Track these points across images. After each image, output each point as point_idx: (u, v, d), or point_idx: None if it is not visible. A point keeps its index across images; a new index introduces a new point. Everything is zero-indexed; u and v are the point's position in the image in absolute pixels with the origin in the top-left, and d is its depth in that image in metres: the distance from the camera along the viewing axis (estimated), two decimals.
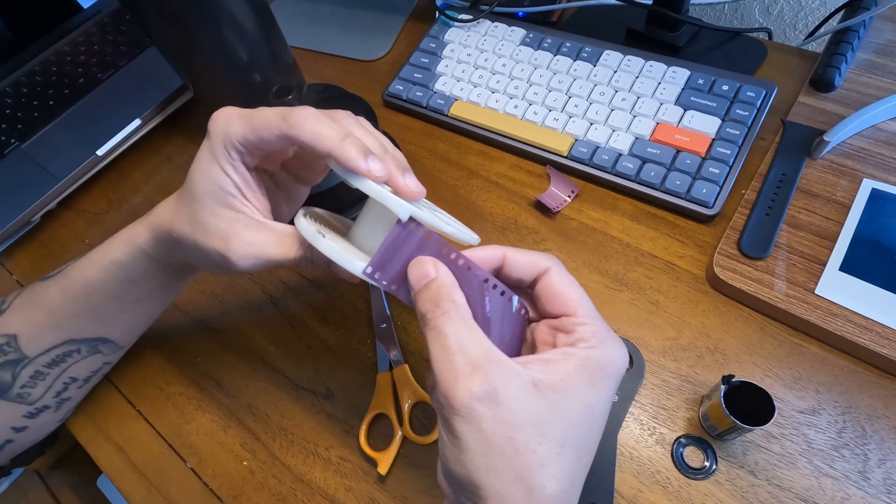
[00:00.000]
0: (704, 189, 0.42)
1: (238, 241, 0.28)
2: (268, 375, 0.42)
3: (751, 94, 0.45)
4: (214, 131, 0.28)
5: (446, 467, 0.22)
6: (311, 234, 0.26)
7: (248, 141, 0.27)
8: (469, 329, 0.22)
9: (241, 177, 0.28)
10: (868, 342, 0.35)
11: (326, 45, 0.63)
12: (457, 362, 0.21)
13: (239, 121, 0.27)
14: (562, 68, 0.50)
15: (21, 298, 0.36)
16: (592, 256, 0.43)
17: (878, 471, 0.32)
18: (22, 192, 0.52)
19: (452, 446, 0.21)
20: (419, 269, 0.24)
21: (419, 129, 0.54)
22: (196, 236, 0.29)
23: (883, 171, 0.41)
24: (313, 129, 0.26)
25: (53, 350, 0.35)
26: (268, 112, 0.27)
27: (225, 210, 0.28)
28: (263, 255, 0.28)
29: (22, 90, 0.61)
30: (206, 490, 0.38)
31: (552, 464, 0.21)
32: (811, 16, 0.71)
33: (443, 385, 0.21)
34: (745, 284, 0.38)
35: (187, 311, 0.46)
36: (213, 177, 0.28)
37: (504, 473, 0.20)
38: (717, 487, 0.33)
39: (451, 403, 0.21)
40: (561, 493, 0.21)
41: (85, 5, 0.67)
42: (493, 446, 0.20)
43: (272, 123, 0.26)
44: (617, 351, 0.24)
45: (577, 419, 0.22)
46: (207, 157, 0.28)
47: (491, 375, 0.21)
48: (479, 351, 0.22)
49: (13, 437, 0.37)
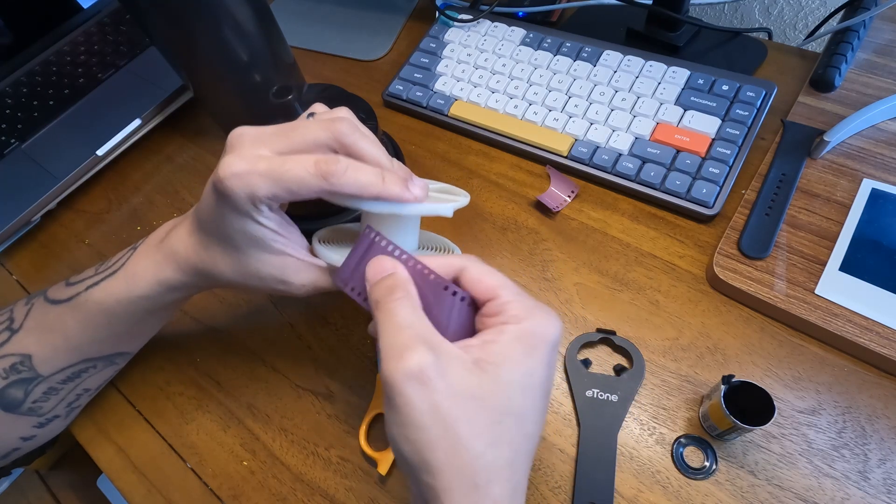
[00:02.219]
0: (704, 189, 0.42)
1: (294, 283, 0.31)
2: (268, 375, 0.42)
3: (751, 94, 0.45)
4: (233, 193, 0.26)
5: (396, 449, 0.23)
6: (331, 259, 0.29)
7: (279, 197, 0.27)
8: (418, 314, 0.24)
9: (274, 222, 0.29)
10: (868, 342, 0.35)
11: (326, 45, 0.63)
12: (406, 335, 0.22)
13: (262, 181, 0.26)
14: (562, 68, 0.50)
15: (34, 320, 0.34)
16: (592, 256, 0.43)
17: (878, 471, 0.32)
18: (22, 192, 0.52)
19: (398, 423, 0.22)
20: (378, 265, 0.26)
21: (419, 129, 0.54)
22: (248, 282, 0.31)
23: (883, 171, 0.41)
24: (357, 183, 0.26)
25: (69, 369, 0.35)
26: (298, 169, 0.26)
27: (272, 256, 0.30)
28: (319, 289, 0.31)
29: (22, 90, 0.61)
30: (206, 490, 0.38)
31: (490, 433, 0.22)
32: (811, 16, 0.71)
33: (390, 357, 0.22)
34: (745, 284, 0.38)
35: (187, 311, 0.46)
36: (250, 232, 0.28)
37: (446, 444, 0.21)
38: (717, 487, 0.33)
39: (397, 374, 0.22)
40: (501, 460, 0.22)
41: (85, 5, 0.67)
42: (435, 417, 0.21)
43: (309, 182, 0.26)
44: (547, 318, 0.24)
45: (518, 388, 0.23)
46: (235, 216, 0.27)
47: (436, 351, 0.22)
48: (427, 331, 0.23)
49: (21, 446, 0.37)
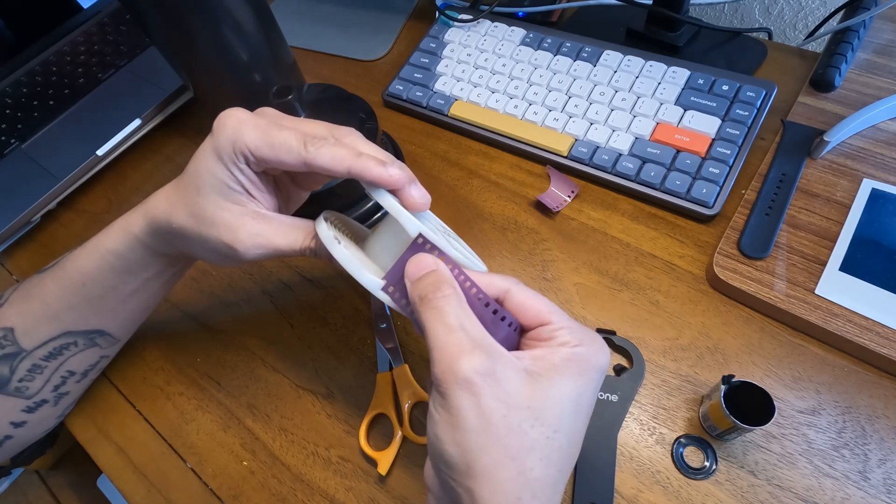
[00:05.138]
0: (704, 189, 0.42)
1: (246, 232, 0.29)
2: (268, 375, 0.42)
3: (751, 94, 0.45)
4: (222, 132, 0.28)
5: (439, 450, 0.22)
6: (329, 240, 0.27)
7: (262, 154, 0.27)
8: (468, 313, 0.23)
9: (247, 178, 0.29)
10: (868, 342, 0.35)
11: (326, 45, 0.63)
12: (460, 338, 0.22)
13: (254, 131, 0.27)
14: (562, 68, 0.50)
15: (18, 292, 0.36)
16: (592, 256, 0.43)
17: (878, 471, 0.32)
18: (22, 192, 0.52)
19: (447, 424, 0.22)
20: (420, 261, 0.25)
21: (419, 129, 0.54)
22: (201, 229, 0.30)
23: (883, 171, 0.41)
24: (331, 154, 0.27)
25: (50, 343, 0.35)
26: (287, 134, 0.27)
27: (231, 205, 0.29)
28: (270, 245, 0.30)
29: (22, 90, 0.61)
30: (206, 490, 0.38)
31: (542, 447, 0.22)
32: (811, 16, 0.71)
33: (444, 360, 0.22)
34: (745, 284, 0.38)
35: (187, 311, 0.46)
36: (219, 174, 0.28)
37: (496, 452, 0.21)
38: (717, 487, 0.33)
39: (452, 377, 0.21)
40: (548, 478, 0.22)
41: (85, 5, 0.67)
42: (488, 424, 0.21)
43: (294, 148, 0.27)
44: (599, 346, 0.24)
45: (567, 407, 0.23)
46: (212, 156, 0.28)
47: (491, 355, 0.22)
48: (479, 332, 0.23)
49: (12, 433, 0.37)
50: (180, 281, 0.47)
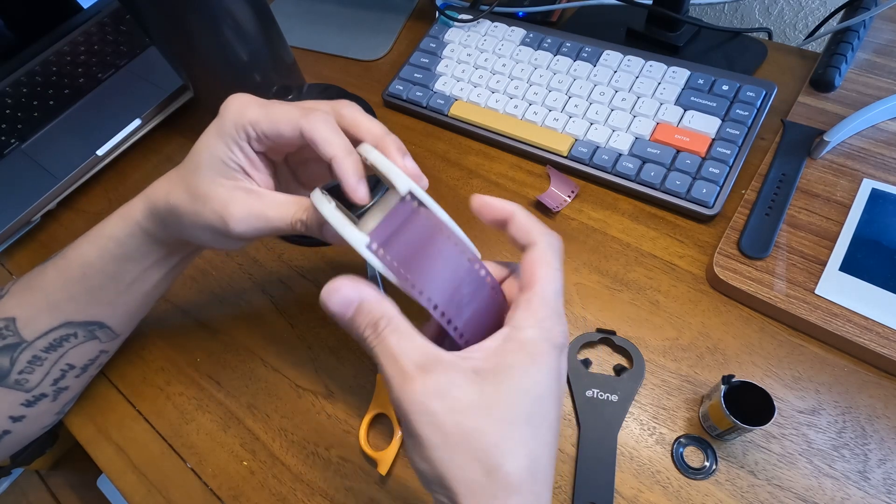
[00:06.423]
0: (704, 189, 0.42)
1: (237, 206, 0.29)
2: (268, 375, 0.42)
3: (751, 94, 0.45)
4: (227, 111, 0.29)
5: (416, 468, 0.23)
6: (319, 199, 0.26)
7: (262, 128, 0.28)
8: (409, 338, 0.24)
9: (246, 157, 0.30)
10: (868, 342, 0.35)
11: (326, 45, 0.63)
12: (403, 366, 0.23)
13: (256, 108, 0.29)
14: (562, 68, 0.50)
15: (20, 283, 0.37)
16: (592, 256, 0.43)
17: (878, 471, 0.32)
18: (22, 192, 0.52)
19: (414, 447, 0.22)
20: (338, 296, 0.25)
21: (419, 129, 0.54)
22: (195, 205, 0.30)
23: (883, 171, 0.41)
24: (326, 134, 0.27)
25: (51, 333, 0.36)
26: (289, 108, 0.29)
27: (225, 180, 0.30)
28: (262, 217, 0.30)
29: (22, 90, 0.61)
30: (206, 490, 0.38)
31: (505, 442, 0.22)
32: (811, 16, 0.71)
33: (395, 390, 0.22)
34: (745, 284, 0.38)
35: (188, 311, 0.46)
36: (217, 151, 0.29)
37: (463, 460, 0.21)
38: (717, 487, 0.33)
39: (405, 405, 0.22)
40: (521, 470, 0.22)
41: (85, 5, 0.67)
42: (448, 436, 0.21)
43: (292, 117, 0.28)
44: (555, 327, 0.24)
45: (523, 397, 0.23)
46: (214, 133, 0.30)
47: (435, 372, 0.22)
48: (421, 354, 0.23)
49: (10, 428, 0.37)
50: (180, 281, 0.48)
